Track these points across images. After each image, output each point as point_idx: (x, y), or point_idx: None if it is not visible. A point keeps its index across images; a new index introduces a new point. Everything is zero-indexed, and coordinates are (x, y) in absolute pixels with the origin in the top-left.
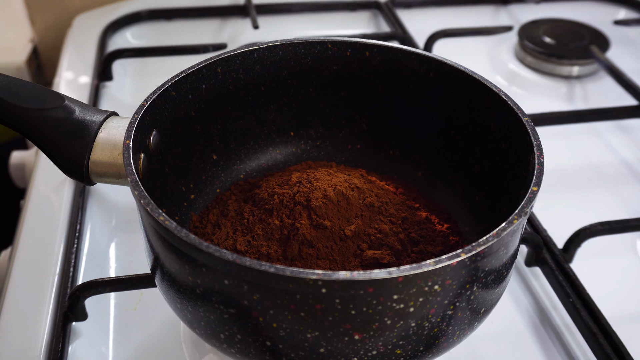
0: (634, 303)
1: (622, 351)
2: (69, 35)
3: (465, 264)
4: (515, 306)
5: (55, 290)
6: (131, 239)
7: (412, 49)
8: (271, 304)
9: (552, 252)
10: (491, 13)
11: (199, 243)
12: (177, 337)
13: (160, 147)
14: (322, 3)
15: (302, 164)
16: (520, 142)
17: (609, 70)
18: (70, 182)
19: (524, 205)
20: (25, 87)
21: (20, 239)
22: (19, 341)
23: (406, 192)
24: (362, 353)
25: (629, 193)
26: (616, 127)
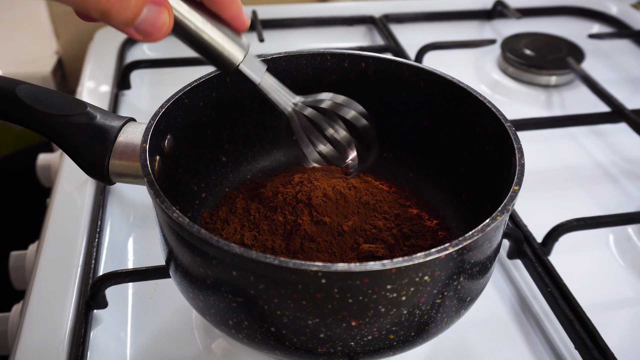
0: (606, 292)
1: (595, 336)
2: (90, 48)
3: (452, 256)
4: (498, 295)
5: (78, 280)
6: (147, 234)
7: (404, 60)
8: (275, 293)
9: (532, 246)
10: (476, 27)
11: (210, 238)
12: (189, 324)
13: (174, 150)
14: (322, 18)
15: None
16: (503, 146)
17: (584, 79)
18: (92, 182)
19: (507, 203)
20: (50, 95)
21: (46, 234)
22: (45, 327)
23: (399, 191)
24: (359, 338)
25: (602, 192)
26: (590, 132)
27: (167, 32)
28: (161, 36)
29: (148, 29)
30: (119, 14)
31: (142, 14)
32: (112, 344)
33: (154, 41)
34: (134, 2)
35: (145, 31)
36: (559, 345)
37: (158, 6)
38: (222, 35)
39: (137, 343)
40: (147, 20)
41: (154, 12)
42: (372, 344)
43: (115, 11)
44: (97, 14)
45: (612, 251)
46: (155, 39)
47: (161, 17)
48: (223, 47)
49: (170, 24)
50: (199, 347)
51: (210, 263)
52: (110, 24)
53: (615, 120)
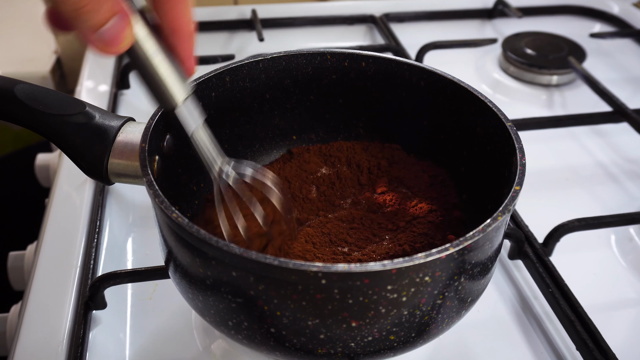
0: (608, 293)
1: (597, 337)
2: (89, 48)
3: (453, 257)
4: (499, 296)
5: (77, 281)
6: (147, 234)
7: (404, 59)
8: (275, 293)
9: (533, 246)
10: (477, 27)
11: (209, 238)
12: (189, 324)
13: (173, 150)
14: (322, 17)
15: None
16: (504, 145)
17: (585, 79)
18: (90, 182)
19: (507, 203)
20: (49, 95)
21: (45, 234)
22: (44, 328)
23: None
24: (359, 339)
25: (603, 192)
26: (592, 132)
27: (124, 48)
28: (118, 50)
29: (109, 40)
30: (89, 15)
31: (109, 22)
32: (111, 345)
33: (109, 54)
34: (106, 8)
35: (106, 41)
36: (560, 346)
37: (124, 20)
38: (169, 71)
39: (136, 344)
40: (112, 30)
41: (120, 24)
42: (373, 345)
43: (87, 10)
44: (70, 9)
45: (613, 251)
46: (112, 52)
47: (125, 31)
48: (167, 83)
49: (130, 42)
50: (198, 348)
51: (210, 263)
52: (78, 25)
53: (617, 120)
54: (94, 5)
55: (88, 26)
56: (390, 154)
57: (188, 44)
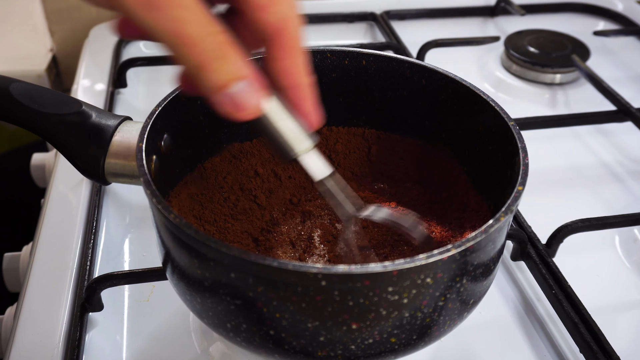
0: (612, 295)
1: (601, 339)
2: (86, 45)
3: (455, 258)
4: (502, 298)
5: (73, 282)
6: (144, 235)
7: (405, 58)
8: (274, 295)
9: (536, 247)
10: (479, 24)
11: (207, 239)
12: (186, 327)
13: (171, 149)
14: (322, 15)
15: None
16: (507, 145)
17: (589, 77)
18: (87, 182)
19: (510, 203)
20: (45, 94)
21: (41, 235)
22: (39, 330)
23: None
24: (359, 341)
25: (607, 192)
26: (596, 131)
27: (252, 116)
28: (246, 116)
29: (236, 102)
30: (214, 72)
31: (235, 84)
32: (107, 348)
33: (237, 119)
34: (232, 68)
35: (233, 103)
36: (564, 348)
37: (255, 87)
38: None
39: (133, 346)
40: (239, 94)
41: (249, 90)
42: (373, 348)
43: (211, 68)
44: (193, 64)
45: (618, 253)
46: (240, 117)
47: (254, 98)
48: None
49: (258, 112)
50: (196, 351)
51: (208, 265)
52: (199, 83)
53: (621, 119)
54: (215, 62)
55: (212, 85)
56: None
57: (309, 98)
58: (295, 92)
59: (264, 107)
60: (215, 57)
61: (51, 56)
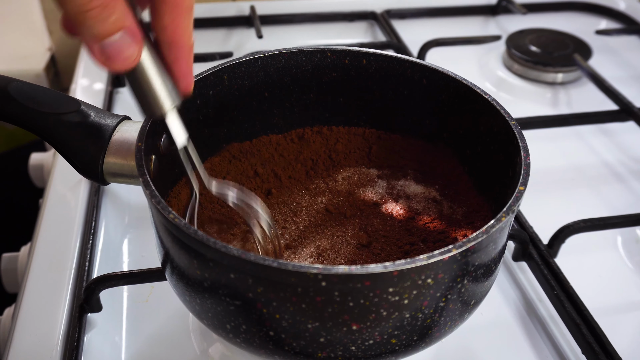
0: (614, 295)
1: (603, 340)
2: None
3: (456, 258)
4: (503, 298)
5: (72, 283)
6: (143, 236)
7: (406, 57)
8: (274, 296)
9: (537, 247)
10: (481, 23)
11: (207, 239)
12: (186, 328)
13: (170, 149)
14: (322, 14)
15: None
16: (508, 145)
17: (591, 77)
18: (85, 182)
19: (512, 203)
20: (43, 93)
21: (39, 236)
22: (38, 331)
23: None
24: (360, 342)
25: (609, 192)
26: (598, 131)
27: (129, 67)
28: (121, 67)
29: (113, 54)
30: (94, 21)
31: (114, 35)
32: (106, 349)
33: (112, 69)
34: (114, 19)
35: (109, 54)
36: (566, 349)
37: (132, 37)
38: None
39: (132, 347)
40: (117, 44)
41: (126, 40)
42: (374, 349)
43: (92, 16)
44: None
45: (620, 253)
46: (114, 68)
47: (131, 48)
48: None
49: (135, 62)
50: (195, 352)
51: (208, 265)
52: (81, 30)
53: (624, 118)
54: (101, 12)
55: (90, 34)
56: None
57: (187, 59)
58: (174, 50)
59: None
60: (102, 6)
61: (50, 55)
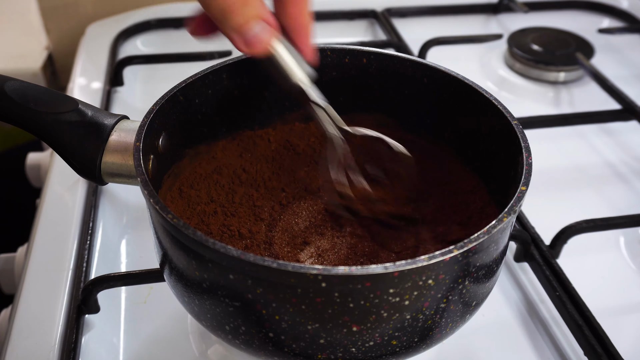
0: (617, 297)
1: (605, 342)
2: (82, 43)
3: (457, 259)
4: (505, 299)
5: (69, 284)
6: (141, 236)
7: (407, 56)
8: (274, 297)
9: (539, 248)
10: (482, 22)
11: (206, 240)
12: (184, 329)
13: (168, 148)
14: (322, 12)
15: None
16: (510, 144)
17: (593, 76)
18: (83, 182)
19: (513, 204)
20: (40, 92)
21: (36, 236)
22: (35, 333)
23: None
24: (360, 344)
25: (612, 192)
26: (600, 130)
27: (265, 49)
28: (258, 51)
29: (252, 40)
30: (235, 15)
31: (252, 25)
32: (104, 350)
33: (249, 52)
34: (249, 11)
35: (248, 41)
36: (568, 351)
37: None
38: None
39: (130, 349)
40: (255, 34)
41: (262, 32)
42: (374, 350)
43: (231, 10)
44: (218, 11)
45: (622, 254)
46: (252, 51)
47: (267, 34)
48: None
49: (268, 49)
50: (194, 354)
51: (206, 266)
52: (224, 25)
53: (626, 118)
54: (239, 7)
55: (231, 25)
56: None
57: (310, 38)
58: (300, 32)
59: (274, 44)
60: (241, 3)
61: (47, 54)
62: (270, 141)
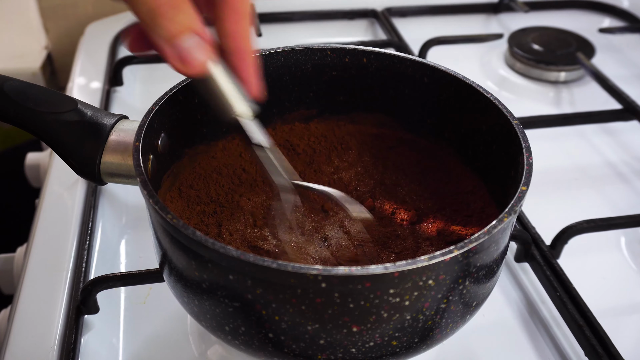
0: (617, 297)
1: (606, 342)
2: (81, 43)
3: (457, 259)
4: (505, 300)
5: (69, 284)
6: (140, 236)
7: (407, 55)
8: (273, 297)
9: (540, 248)
10: (482, 21)
11: (205, 240)
12: (184, 329)
13: (168, 148)
14: (322, 12)
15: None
16: (510, 144)
17: (594, 75)
18: (82, 182)
19: (514, 204)
20: (40, 92)
21: (35, 236)
22: (34, 333)
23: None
24: (360, 344)
25: (613, 192)
26: (601, 130)
27: (199, 71)
28: (195, 70)
29: (186, 56)
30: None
31: (185, 37)
32: (103, 351)
33: (187, 73)
34: (182, 18)
35: (182, 56)
36: (569, 351)
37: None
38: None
39: (130, 349)
40: (189, 46)
41: (197, 43)
42: (374, 351)
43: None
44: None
45: (623, 254)
46: (189, 71)
47: (202, 51)
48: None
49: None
50: (194, 354)
51: (206, 266)
52: (153, 32)
53: (627, 117)
54: (169, 10)
55: (162, 34)
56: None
57: (252, 64)
58: (238, 57)
59: (211, 66)
60: (171, 5)
61: (46, 54)
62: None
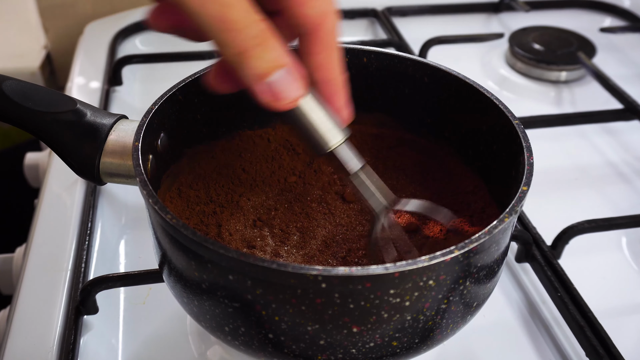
0: (619, 297)
1: (607, 343)
2: (80, 42)
3: (458, 260)
4: (506, 300)
5: (68, 285)
6: (140, 237)
7: (407, 55)
8: (273, 298)
9: (541, 248)
10: (483, 21)
11: (205, 240)
12: (183, 330)
13: (167, 148)
14: None
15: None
16: (511, 144)
17: (595, 75)
18: (81, 182)
19: (515, 204)
20: (39, 92)
21: (34, 236)
22: (33, 334)
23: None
24: (360, 345)
25: (614, 192)
26: (602, 130)
27: (291, 106)
28: (285, 106)
29: (279, 92)
30: (254, 59)
31: (277, 72)
32: (102, 351)
33: (280, 108)
34: (273, 56)
35: (275, 92)
36: (570, 352)
37: (295, 74)
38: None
39: (129, 350)
40: (281, 81)
41: (290, 77)
42: (375, 351)
43: (251, 55)
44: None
45: (625, 254)
46: (282, 106)
47: (295, 84)
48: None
49: (297, 102)
50: (193, 355)
51: (206, 267)
52: (241, 72)
53: (628, 117)
54: (259, 50)
55: (253, 74)
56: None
57: (343, 93)
58: (329, 87)
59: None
60: (257, 43)
61: (45, 53)
62: (270, 141)
